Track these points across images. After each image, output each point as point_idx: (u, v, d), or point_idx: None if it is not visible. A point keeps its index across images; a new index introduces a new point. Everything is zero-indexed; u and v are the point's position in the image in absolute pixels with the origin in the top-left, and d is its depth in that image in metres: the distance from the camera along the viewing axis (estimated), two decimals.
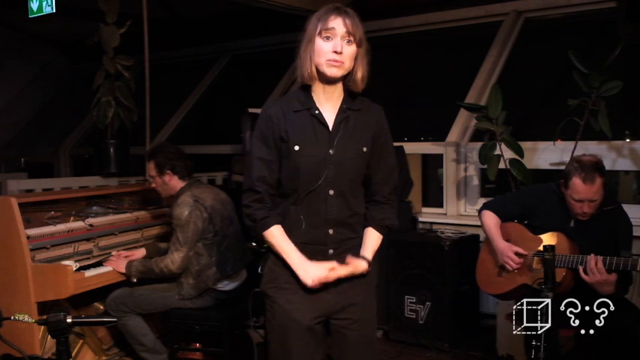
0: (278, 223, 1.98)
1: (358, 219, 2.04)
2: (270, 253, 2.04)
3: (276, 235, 1.97)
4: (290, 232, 1.98)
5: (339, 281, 1.98)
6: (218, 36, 6.78)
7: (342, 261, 1.98)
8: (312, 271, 1.94)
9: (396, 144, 4.43)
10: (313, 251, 1.98)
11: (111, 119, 4.59)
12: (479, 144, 4.07)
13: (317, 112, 1.97)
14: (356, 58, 1.93)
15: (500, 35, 4.83)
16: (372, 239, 2.04)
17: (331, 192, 1.95)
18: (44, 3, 3.21)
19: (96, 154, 4.98)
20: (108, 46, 4.53)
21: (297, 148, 1.93)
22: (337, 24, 1.89)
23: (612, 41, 3.64)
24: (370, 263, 2.02)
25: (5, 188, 4.48)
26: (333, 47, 1.88)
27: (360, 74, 1.95)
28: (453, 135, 4.49)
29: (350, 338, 2.04)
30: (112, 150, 4.75)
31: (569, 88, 3.82)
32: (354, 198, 2.01)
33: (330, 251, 1.99)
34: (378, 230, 2.05)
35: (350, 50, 1.91)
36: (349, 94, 2.00)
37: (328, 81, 1.95)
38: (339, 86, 1.98)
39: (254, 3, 4.86)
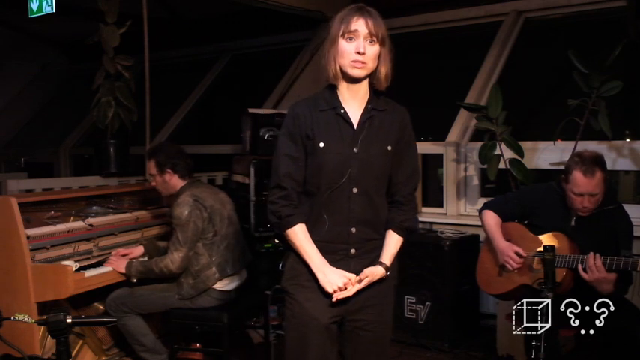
0: (302, 222, 1.99)
1: (382, 219, 2.04)
2: (291, 250, 2.04)
3: (299, 235, 1.98)
4: (313, 230, 1.99)
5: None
6: (218, 36, 6.78)
7: (363, 262, 1.99)
8: (331, 277, 1.95)
9: None
10: (335, 250, 1.99)
11: (111, 119, 4.59)
12: (479, 144, 4.06)
13: (342, 111, 1.99)
14: (379, 57, 1.96)
15: (500, 35, 4.83)
16: (391, 244, 2.04)
17: (355, 190, 1.96)
18: (44, 3, 3.21)
19: (96, 154, 4.97)
20: (108, 46, 4.52)
21: (322, 145, 1.95)
22: (360, 25, 1.92)
23: (612, 41, 3.64)
24: (388, 268, 2.02)
25: (5, 188, 4.47)
26: (356, 48, 1.91)
27: (383, 72, 1.98)
28: (453, 135, 4.49)
29: (364, 339, 2.05)
30: (112, 150, 4.74)
31: (569, 88, 3.82)
32: (379, 197, 2.02)
33: (353, 250, 2.00)
34: (398, 233, 2.05)
35: (373, 50, 1.93)
36: (375, 94, 2.02)
37: (353, 80, 1.97)
38: (365, 85, 2.01)
39: (254, 3, 4.86)
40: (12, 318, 1.78)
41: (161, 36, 5.15)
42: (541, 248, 2.57)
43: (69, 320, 1.70)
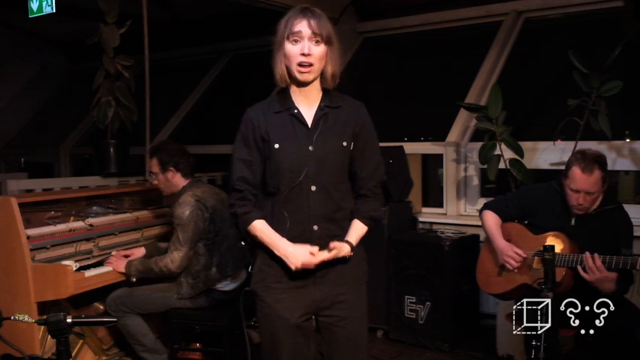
0: (260, 218, 2.02)
1: (344, 215, 2.06)
2: (259, 251, 2.07)
3: (260, 228, 2.01)
4: (276, 230, 2.01)
5: (326, 278, 2.01)
6: (218, 36, 6.77)
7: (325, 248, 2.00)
8: (296, 252, 1.96)
9: (396, 144, 4.45)
10: None
11: (111, 119, 4.60)
12: (479, 144, 4.07)
13: (296, 111, 2.01)
14: (326, 57, 1.97)
15: (500, 35, 4.83)
16: (356, 228, 2.06)
17: (313, 188, 1.99)
18: (44, 3, 3.20)
19: (96, 154, 4.98)
20: (108, 46, 4.53)
21: (277, 146, 1.99)
22: (303, 27, 1.93)
23: (612, 41, 3.64)
24: (353, 247, 2.03)
25: (5, 188, 4.47)
26: (301, 50, 1.93)
27: (330, 72, 1.98)
28: (453, 135, 4.49)
29: (337, 335, 2.08)
30: (112, 150, 4.75)
31: (569, 88, 3.82)
32: (339, 192, 2.03)
33: (316, 248, 2.01)
34: (363, 222, 2.07)
35: (318, 50, 1.95)
36: (327, 92, 2.04)
37: (301, 84, 2.00)
38: (316, 85, 2.02)
39: (254, 3, 4.86)
40: (12, 318, 1.78)
41: (161, 36, 5.15)
42: (541, 248, 2.57)
43: (69, 320, 1.70)
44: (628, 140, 3.97)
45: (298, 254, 1.96)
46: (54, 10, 3.17)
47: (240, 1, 4.83)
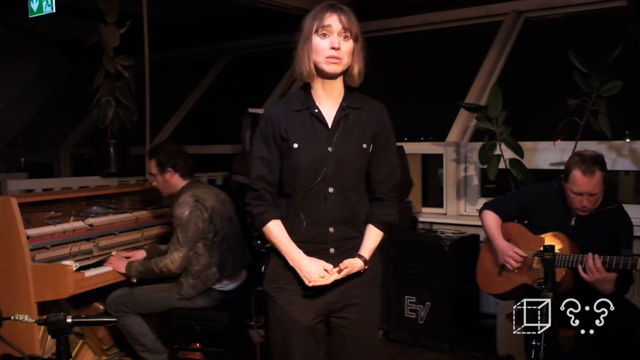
0: (276, 218, 1.99)
1: (360, 217, 2.03)
2: (273, 252, 2.05)
3: (275, 231, 1.99)
4: (291, 231, 1.99)
5: (340, 281, 1.99)
6: (218, 36, 6.78)
7: (342, 261, 1.97)
8: (311, 267, 1.95)
9: (396, 144, 4.43)
10: (314, 250, 1.99)
11: (111, 119, 4.59)
12: (479, 144, 4.07)
13: (316, 110, 1.99)
14: (353, 54, 1.95)
15: (500, 35, 4.83)
16: (370, 238, 2.04)
17: (331, 189, 1.96)
18: (44, 3, 3.20)
19: (96, 154, 4.98)
20: (108, 46, 4.53)
21: (296, 145, 1.96)
22: (333, 21, 1.91)
23: (612, 41, 3.64)
24: (367, 262, 2.01)
25: (5, 188, 4.47)
26: (331, 44, 1.91)
27: (356, 69, 1.97)
28: (453, 135, 4.49)
29: (348, 338, 2.05)
30: (112, 150, 4.74)
31: (569, 88, 3.82)
32: (356, 195, 2.01)
33: (332, 250, 1.99)
34: (377, 227, 2.04)
35: (347, 46, 1.93)
36: (349, 91, 2.02)
37: (328, 77, 1.97)
38: (339, 82, 2.00)
39: (254, 3, 4.86)
40: (12, 318, 1.78)
41: (161, 36, 5.15)
42: (541, 248, 2.57)
43: (69, 320, 1.70)
44: (628, 140, 3.97)
45: (313, 270, 1.94)
46: (54, 10, 3.17)
47: (240, 1, 4.83)
